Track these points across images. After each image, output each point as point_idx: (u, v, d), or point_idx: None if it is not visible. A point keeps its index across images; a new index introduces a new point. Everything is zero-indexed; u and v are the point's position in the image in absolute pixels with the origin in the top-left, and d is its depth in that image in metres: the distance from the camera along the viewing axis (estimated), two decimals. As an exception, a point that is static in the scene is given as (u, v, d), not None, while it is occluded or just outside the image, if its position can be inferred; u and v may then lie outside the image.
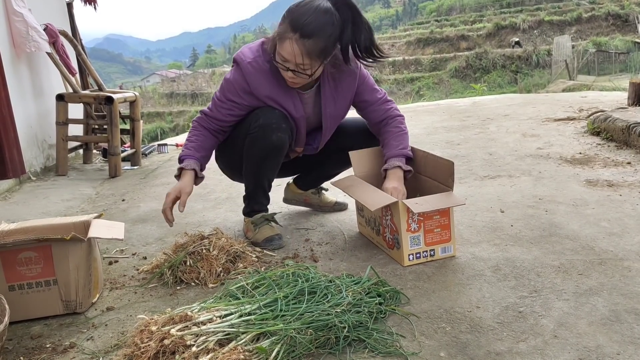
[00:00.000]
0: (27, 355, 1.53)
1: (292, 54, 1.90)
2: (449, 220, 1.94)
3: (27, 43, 3.90)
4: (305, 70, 1.95)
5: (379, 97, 2.25)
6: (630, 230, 2.11)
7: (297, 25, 1.87)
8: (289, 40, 1.89)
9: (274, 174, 2.26)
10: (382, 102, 2.25)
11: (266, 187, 2.27)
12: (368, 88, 2.23)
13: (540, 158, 3.38)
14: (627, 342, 1.38)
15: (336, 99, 2.17)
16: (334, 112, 2.20)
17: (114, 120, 4.12)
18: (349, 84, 2.17)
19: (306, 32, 1.87)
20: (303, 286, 1.59)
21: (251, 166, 2.21)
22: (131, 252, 2.31)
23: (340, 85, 2.16)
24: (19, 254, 1.69)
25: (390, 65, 31.35)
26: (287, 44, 1.90)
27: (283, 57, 1.93)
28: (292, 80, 2.01)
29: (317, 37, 1.88)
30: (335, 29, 1.92)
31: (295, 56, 1.90)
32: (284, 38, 1.91)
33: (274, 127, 2.10)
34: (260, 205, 2.31)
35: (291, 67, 1.94)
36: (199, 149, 2.20)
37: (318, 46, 1.90)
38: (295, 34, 1.88)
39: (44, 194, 3.56)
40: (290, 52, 1.90)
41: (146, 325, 1.45)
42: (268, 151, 2.14)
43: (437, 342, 1.44)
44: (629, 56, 21.90)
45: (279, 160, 2.21)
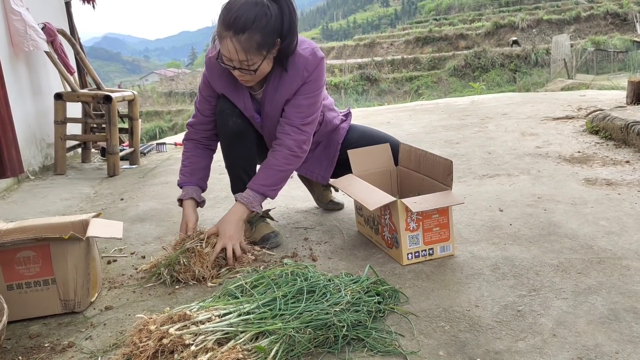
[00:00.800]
0: (26, 354, 1.52)
1: (231, 52, 1.88)
2: (447, 219, 1.94)
3: (25, 42, 3.89)
4: (250, 66, 1.92)
5: (293, 120, 2.08)
6: (629, 229, 2.11)
7: (229, 23, 1.84)
8: (225, 39, 1.87)
9: (248, 162, 2.23)
10: (291, 125, 2.08)
11: (244, 178, 2.23)
12: (294, 103, 2.08)
13: (539, 157, 3.38)
14: (626, 341, 1.38)
15: (273, 100, 2.10)
16: (270, 111, 2.13)
17: (113, 119, 4.12)
18: (288, 91, 2.07)
19: (239, 28, 1.83)
20: (302, 285, 1.59)
21: (224, 157, 2.24)
22: (130, 252, 2.31)
23: (282, 86, 2.07)
24: (17, 253, 1.69)
25: (389, 64, 31.37)
26: (225, 43, 1.87)
27: (225, 56, 1.92)
28: (241, 78, 1.99)
29: (251, 31, 1.84)
30: (270, 20, 1.86)
31: (235, 53, 1.87)
32: (221, 38, 1.89)
33: (228, 113, 2.13)
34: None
35: (236, 65, 1.92)
36: (194, 172, 2.25)
37: (254, 40, 1.86)
38: (229, 32, 1.85)
39: (43, 193, 3.55)
40: (229, 51, 1.88)
41: (145, 325, 1.45)
42: (229, 138, 2.16)
43: (436, 341, 1.44)
44: (628, 55, 21.93)
45: (247, 148, 2.19)
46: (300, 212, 2.67)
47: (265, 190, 2.10)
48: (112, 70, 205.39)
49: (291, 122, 2.08)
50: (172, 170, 4.09)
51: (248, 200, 2.08)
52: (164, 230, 2.57)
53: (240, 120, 2.14)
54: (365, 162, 2.29)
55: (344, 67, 32.08)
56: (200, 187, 2.27)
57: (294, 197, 2.90)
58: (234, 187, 2.29)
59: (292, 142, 2.08)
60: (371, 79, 29.64)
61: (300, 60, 2.04)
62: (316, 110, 2.13)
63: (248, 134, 2.18)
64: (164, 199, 3.19)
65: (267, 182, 2.10)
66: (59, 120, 4.09)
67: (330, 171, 2.40)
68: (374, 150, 2.30)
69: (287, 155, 2.09)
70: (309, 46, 2.08)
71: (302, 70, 2.04)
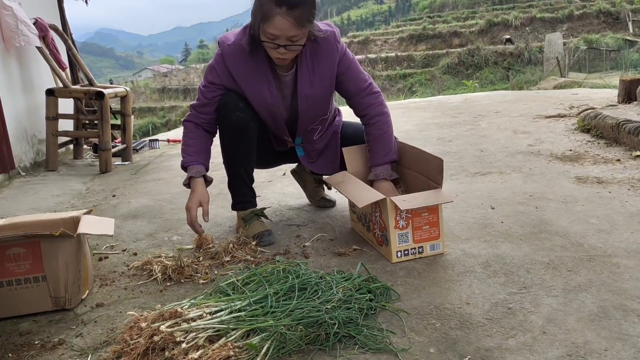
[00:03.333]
0: (16, 351, 1.52)
1: (283, 29, 1.89)
2: (437, 218, 1.95)
3: (16, 37, 3.86)
4: (297, 41, 1.95)
5: (363, 87, 2.21)
6: (619, 227, 2.13)
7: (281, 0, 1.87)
8: (277, 16, 1.88)
9: (248, 160, 2.24)
10: (366, 93, 2.21)
11: (244, 176, 2.25)
12: (352, 75, 2.19)
13: (531, 155, 3.39)
14: (615, 338, 1.39)
15: (312, 80, 2.14)
16: (309, 92, 2.15)
17: (105, 115, 4.10)
18: (327, 64, 2.13)
19: (292, 3, 1.87)
20: (293, 282, 1.59)
21: (224, 154, 2.24)
22: (121, 248, 2.30)
23: (318, 65, 2.12)
24: (8, 250, 1.68)
25: (383, 62, 31.35)
26: (277, 20, 1.88)
27: (273, 34, 1.92)
28: (283, 56, 1.99)
29: (302, 5, 1.89)
30: None
31: (287, 30, 1.90)
32: (271, 16, 1.89)
33: (231, 107, 2.12)
34: (242, 197, 2.30)
35: (282, 43, 1.93)
36: (199, 152, 2.21)
37: (305, 14, 1.91)
38: (282, 8, 1.87)
39: (34, 190, 3.53)
40: (281, 27, 1.89)
41: (136, 322, 1.45)
42: (231, 133, 2.16)
43: (427, 338, 1.45)
44: (620, 54, 22.04)
45: (248, 145, 2.20)
46: (293, 209, 2.67)
47: (389, 159, 2.20)
48: (104, 66, 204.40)
49: (364, 92, 2.21)
50: (165, 167, 4.08)
51: (388, 174, 2.17)
52: (156, 227, 2.56)
53: (243, 115, 2.13)
54: (359, 160, 2.29)
55: (338, 64, 31.94)
56: (206, 167, 2.23)
57: (286, 195, 2.90)
58: (231, 183, 2.29)
59: (379, 107, 2.22)
60: (365, 76, 29.59)
61: (329, 34, 2.09)
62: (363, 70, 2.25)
63: (250, 129, 2.17)
64: (157, 195, 3.18)
65: (386, 150, 2.20)
66: (51, 116, 4.07)
67: (338, 162, 2.42)
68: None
69: (384, 120, 2.22)
70: (321, 23, 2.12)
71: (334, 42, 2.11)
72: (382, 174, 2.17)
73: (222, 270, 1.96)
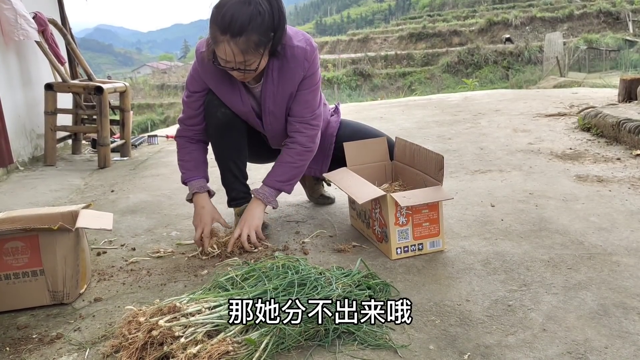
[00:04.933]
0: (14, 345, 1.51)
1: (229, 55, 1.85)
2: (437, 215, 1.94)
3: (15, 31, 3.85)
4: (249, 66, 1.89)
5: (303, 115, 2.11)
6: (619, 225, 2.12)
7: (224, 26, 1.79)
8: (222, 43, 1.83)
9: (239, 155, 2.22)
10: (302, 121, 2.12)
11: (235, 171, 2.22)
12: (300, 99, 2.10)
13: (531, 153, 3.39)
14: (615, 336, 1.38)
15: (275, 95, 2.08)
16: (272, 107, 2.11)
17: (104, 110, 4.09)
18: (291, 83, 2.06)
19: (235, 31, 1.79)
20: (293, 278, 1.58)
21: (214, 149, 2.22)
22: (120, 243, 2.30)
23: (282, 81, 2.05)
24: (6, 244, 1.67)
25: (383, 60, 31.36)
26: (222, 47, 1.84)
27: (222, 59, 1.88)
28: (240, 77, 1.97)
29: (248, 32, 1.80)
30: (265, 17, 1.83)
31: (233, 56, 1.84)
32: (217, 42, 1.85)
33: (216, 104, 2.11)
34: (236, 192, 2.28)
35: (234, 67, 1.89)
36: (198, 166, 2.20)
37: (252, 41, 1.83)
38: (226, 36, 1.81)
39: (32, 184, 3.52)
40: (228, 54, 1.84)
41: (134, 317, 1.44)
42: (218, 129, 2.14)
43: (427, 334, 1.44)
44: (620, 54, 22.04)
45: (236, 139, 2.18)
46: (292, 205, 2.67)
47: (280, 186, 2.14)
48: (103, 62, 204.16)
49: (301, 119, 2.12)
50: (163, 162, 4.07)
51: (264, 196, 2.12)
52: (155, 223, 2.56)
53: (229, 111, 2.12)
54: (360, 156, 2.28)
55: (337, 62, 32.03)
56: (206, 179, 2.22)
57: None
58: (224, 180, 2.27)
59: (305, 139, 2.12)
60: (364, 74, 29.61)
61: (299, 51, 2.02)
62: (319, 101, 2.16)
63: (237, 124, 2.15)
64: (155, 191, 3.18)
65: (283, 178, 2.13)
66: (50, 111, 4.06)
67: (327, 164, 2.39)
68: (370, 144, 2.29)
69: (301, 152, 2.13)
70: (304, 37, 2.06)
71: (302, 60, 2.03)
72: (262, 195, 2.12)
73: (221, 266, 1.95)
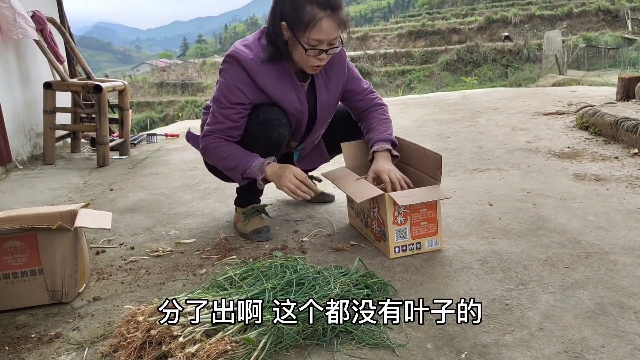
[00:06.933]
0: (12, 344, 1.52)
1: (329, 32, 1.89)
2: (435, 214, 1.95)
3: (14, 30, 3.84)
4: (335, 45, 1.96)
5: (364, 87, 2.28)
6: (617, 224, 2.13)
7: (325, 2, 1.86)
8: (324, 19, 1.87)
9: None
10: (368, 92, 2.29)
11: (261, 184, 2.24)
12: (355, 77, 2.26)
13: (529, 152, 3.39)
14: (612, 335, 1.39)
15: (328, 86, 2.17)
16: (327, 99, 2.18)
17: (103, 109, 4.09)
18: (339, 70, 2.18)
19: (335, 4, 1.87)
20: (291, 277, 1.59)
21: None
22: (119, 242, 2.30)
23: (331, 73, 2.16)
24: (4, 243, 1.67)
25: (382, 58, 31.33)
26: (324, 23, 1.87)
27: (318, 39, 1.90)
28: (321, 63, 1.99)
29: (342, 7, 1.91)
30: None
31: (332, 32, 1.90)
32: (316, 19, 1.87)
33: (275, 124, 2.06)
34: (253, 197, 2.31)
35: (324, 48, 1.93)
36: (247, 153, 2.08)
37: (345, 16, 1.92)
38: (326, 11, 1.86)
39: (31, 183, 3.52)
40: (328, 30, 1.89)
41: (133, 316, 1.44)
42: (267, 147, 2.09)
43: (424, 333, 1.45)
44: (619, 52, 22.03)
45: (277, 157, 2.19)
46: (291, 204, 2.67)
47: (392, 138, 2.19)
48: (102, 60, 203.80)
49: (365, 91, 2.29)
50: (163, 161, 4.07)
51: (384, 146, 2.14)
52: (154, 221, 2.56)
53: (285, 132, 2.09)
54: (358, 155, 2.28)
55: (337, 60, 31.89)
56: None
57: (284, 190, 2.90)
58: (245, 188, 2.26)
59: (380, 101, 2.31)
60: (363, 73, 29.59)
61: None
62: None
63: (283, 145, 2.17)
64: (154, 189, 3.18)
65: (389, 131, 2.22)
66: (48, 109, 4.06)
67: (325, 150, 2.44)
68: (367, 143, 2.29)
69: (386, 109, 2.30)
70: None
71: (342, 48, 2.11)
72: (385, 145, 2.14)
73: (220, 265, 1.96)
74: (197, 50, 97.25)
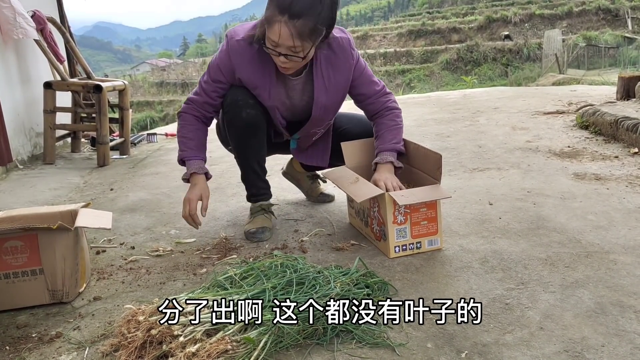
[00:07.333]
0: (13, 344, 1.52)
1: (282, 37, 1.84)
2: (436, 213, 1.95)
3: (14, 30, 3.84)
4: (297, 52, 1.89)
5: (377, 90, 2.22)
6: (617, 223, 2.13)
7: (285, 7, 1.79)
8: (277, 23, 1.82)
9: (260, 153, 2.24)
10: (380, 94, 2.22)
11: (256, 168, 2.25)
12: (366, 81, 2.19)
13: (529, 151, 3.39)
14: (612, 334, 1.39)
15: (328, 88, 2.12)
16: (326, 102, 2.14)
17: (103, 108, 4.09)
18: (344, 74, 2.12)
19: (295, 12, 1.79)
20: (291, 277, 1.59)
21: (234, 147, 2.23)
22: (119, 242, 2.30)
23: (334, 74, 2.10)
24: (5, 243, 1.67)
25: (382, 57, 31.30)
26: (277, 27, 1.83)
27: (273, 41, 1.87)
28: (284, 65, 1.94)
29: (306, 17, 1.80)
30: (324, 7, 1.84)
31: (286, 39, 1.84)
32: (272, 22, 1.84)
33: (241, 104, 2.09)
34: (257, 189, 2.31)
35: (282, 52, 1.88)
36: (200, 147, 2.18)
37: (308, 26, 1.82)
38: (284, 16, 1.81)
39: (31, 183, 3.52)
40: (281, 35, 1.83)
41: (133, 315, 1.45)
42: (242, 129, 2.14)
43: (424, 333, 1.45)
44: (619, 51, 22.01)
45: (259, 139, 2.19)
46: (291, 203, 2.67)
47: (399, 147, 2.17)
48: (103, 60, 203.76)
49: (378, 94, 2.22)
50: (163, 160, 4.07)
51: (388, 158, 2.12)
52: (154, 221, 2.56)
53: (254, 112, 2.11)
54: (358, 155, 2.28)
55: (337, 59, 31.85)
56: (205, 162, 2.20)
57: (284, 189, 2.90)
58: (245, 177, 2.29)
59: (393, 104, 2.25)
60: (364, 72, 29.53)
61: (344, 42, 2.08)
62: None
63: (260, 124, 2.15)
64: (154, 189, 3.18)
65: (396, 139, 2.17)
66: (49, 109, 4.06)
67: (328, 154, 2.40)
68: (368, 143, 2.29)
69: (397, 114, 2.24)
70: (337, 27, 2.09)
71: (349, 50, 2.10)
72: (388, 158, 2.12)
73: (220, 264, 1.96)
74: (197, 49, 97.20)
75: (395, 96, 2.30)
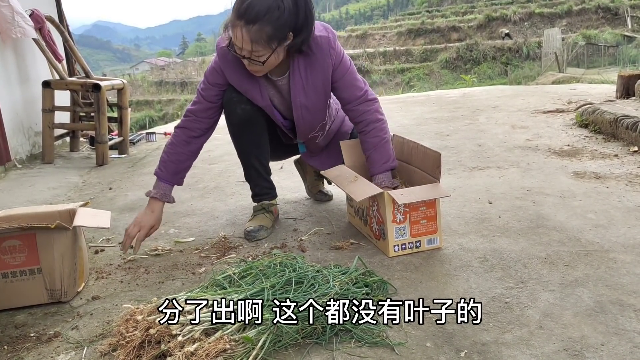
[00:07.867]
0: (11, 344, 1.51)
1: (240, 42, 1.85)
2: (435, 212, 1.94)
3: (12, 29, 3.84)
4: (258, 57, 1.89)
5: (358, 96, 2.13)
6: (616, 222, 2.12)
7: (241, 12, 1.80)
8: (235, 28, 1.84)
9: (260, 151, 2.24)
10: (360, 101, 2.14)
11: (257, 166, 2.25)
12: (347, 84, 2.12)
13: (529, 150, 3.39)
14: (612, 333, 1.39)
15: (306, 88, 2.08)
16: (305, 102, 2.11)
17: (102, 107, 4.08)
18: (321, 74, 2.06)
19: (250, 18, 1.80)
20: (290, 276, 1.58)
21: (234, 144, 2.24)
22: (118, 241, 2.29)
23: (311, 74, 2.06)
24: (3, 242, 1.67)
25: (381, 56, 31.29)
26: (236, 32, 1.84)
27: (236, 45, 1.89)
28: (250, 68, 1.96)
29: (262, 22, 1.80)
30: (283, 13, 1.82)
31: (244, 43, 1.85)
32: (232, 26, 1.86)
33: (235, 101, 2.12)
34: (259, 188, 2.31)
35: (245, 55, 1.89)
36: (177, 172, 2.18)
37: (265, 32, 1.82)
38: (241, 21, 1.81)
39: (30, 182, 3.52)
40: (238, 39, 1.85)
41: (132, 315, 1.44)
42: (238, 125, 2.16)
43: (424, 332, 1.44)
44: (618, 49, 22.01)
45: (256, 134, 2.19)
46: (290, 203, 2.67)
47: (390, 165, 2.14)
48: (102, 59, 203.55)
49: (358, 101, 2.14)
50: (162, 160, 4.06)
51: (384, 181, 2.11)
52: (153, 220, 2.55)
53: (249, 107, 2.12)
54: (357, 154, 2.28)
55: (336, 58, 31.84)
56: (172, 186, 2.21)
57: (283, 188, 2.89)
58: (247, 175, 2.30)
59: (374, 114, 2.15)
60: (363, 71, 29.53)
61: (322, 40, 2.03)
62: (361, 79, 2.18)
63: (257, 120, 2.16)
64: (153, 188, 3.17)
65: (385, 158, 2.13)
66: (47, 108, 4.05)
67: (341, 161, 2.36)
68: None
69: (380, 127, 2.15)
70: (322, 25, 2.07)
71: (327, 49, 2.04)
72: (384, 182, 2.11)
73: (219, 264, 1.96)
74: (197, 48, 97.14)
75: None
